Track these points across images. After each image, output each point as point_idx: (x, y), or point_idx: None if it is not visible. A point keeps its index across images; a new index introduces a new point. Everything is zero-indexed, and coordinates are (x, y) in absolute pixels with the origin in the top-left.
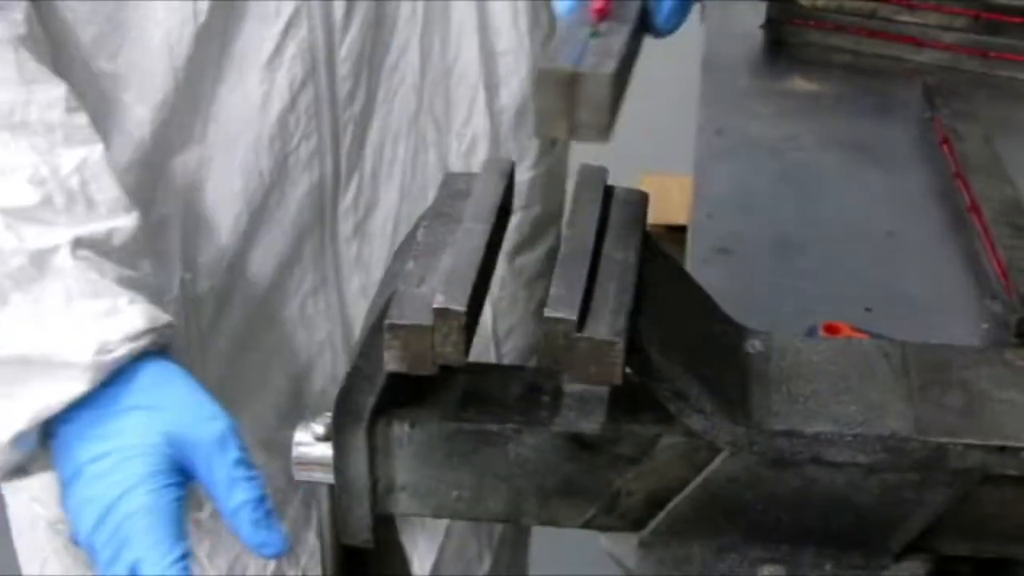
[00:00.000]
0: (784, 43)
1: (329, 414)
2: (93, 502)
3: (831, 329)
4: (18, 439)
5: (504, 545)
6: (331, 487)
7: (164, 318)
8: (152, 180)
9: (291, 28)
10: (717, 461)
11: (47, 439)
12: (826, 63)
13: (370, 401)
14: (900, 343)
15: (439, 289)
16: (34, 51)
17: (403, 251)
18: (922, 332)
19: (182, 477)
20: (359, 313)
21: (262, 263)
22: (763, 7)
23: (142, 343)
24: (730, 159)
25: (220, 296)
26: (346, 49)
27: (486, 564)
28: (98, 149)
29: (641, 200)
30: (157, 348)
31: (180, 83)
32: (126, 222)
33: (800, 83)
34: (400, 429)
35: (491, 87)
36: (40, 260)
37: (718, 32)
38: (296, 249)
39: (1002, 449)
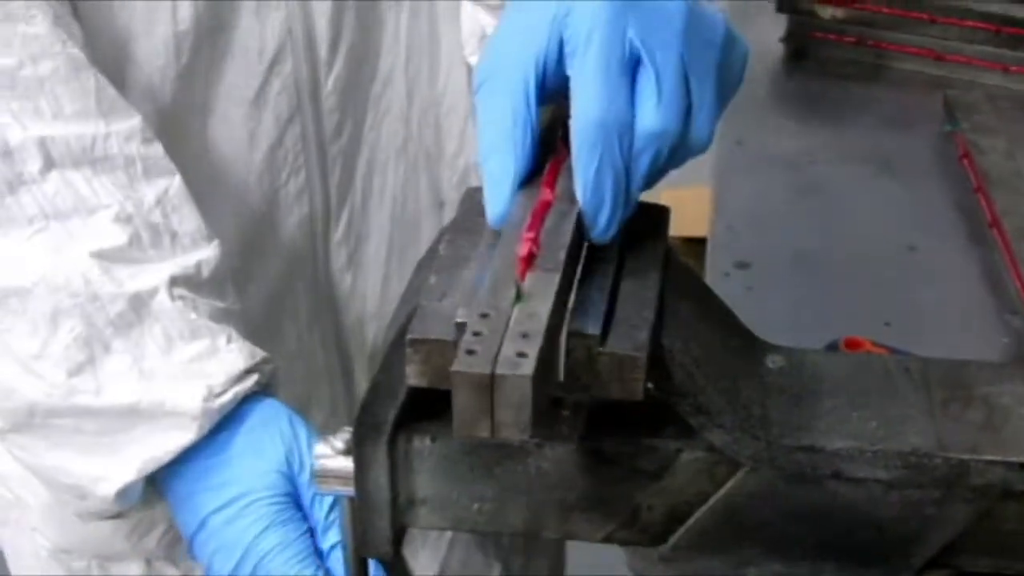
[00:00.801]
0: (804, 56)
1: (349, 428)
2: (228, 548)
3: (852, 344)
4: (125, 491)
5: (514, 554)
6: (351, 500)
7: (261, 354)
8: None
9: (276, 65)
10: (738, 476)
11: (149, 486)
12: (846, 76)
13: (391, 415)
14: (921, 358)
15: (461, 303)
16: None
17: (424, 265)
18: (942, 347)
19: (301, 511)
20: (356, 344)
21: (256, 297)
22: (784, 20)
23: (247, 385)
24: (750, 172)
25: None
26: (332, 83)
27: (495, 573)
28: (176, 180)
29: (663, 214)
30: (260, 387)
31: (166, 123)
32: (210, 252)
33: (820, 96)
34: (421, 443)
35: None
36: (139, 303)
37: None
38: (289, 282)
39: (1023, 466)
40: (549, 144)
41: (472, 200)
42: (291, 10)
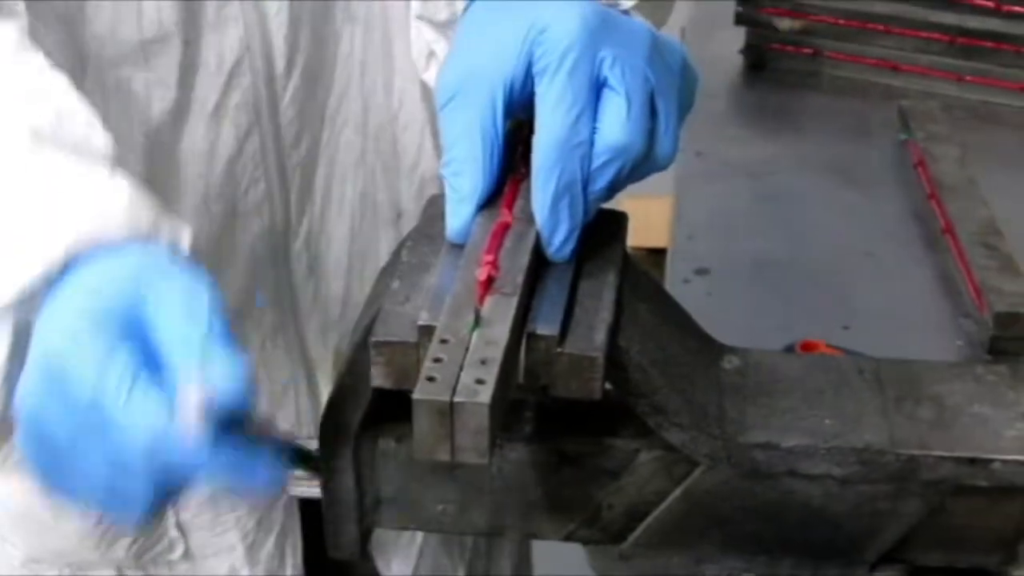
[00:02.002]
0: (763, 67)
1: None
2: None
3: (808, 347)
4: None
5: (477, 557)
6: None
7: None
8: None
9: (233, 79)
10: (695, 474)
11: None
12: (804, 87)
13: (357, 417)
14: (874, 359)
15: (424, 307)
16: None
17: (387, 271)
18: (898, 350)
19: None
20: (320, 354)
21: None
22: (742, 32)
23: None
24: (710, 181)
25: None
26: (289, 96)
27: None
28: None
29: (621, 220)
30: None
31: (145, 139)
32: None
33: (778, 107)
34: (386, 444)
35: (437, 132)
36: None
37: (698, 57)
38: (251, 292)
39: (973, 461)
40: (509, 161)
41: (434, 207)
42: (248, 26)
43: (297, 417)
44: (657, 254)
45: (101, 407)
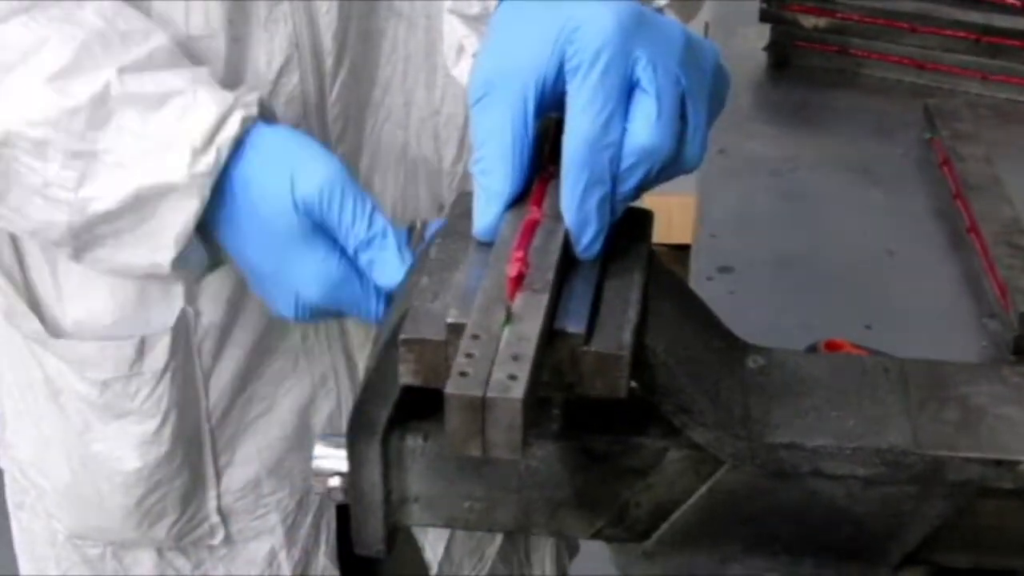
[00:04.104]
0: (787, 65)
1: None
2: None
3: (832, 346)
4: (181, 263)
5: None
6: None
7: (230, 96)
8: None
9: (282, 78)
10: (720, 473)
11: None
12: (828, 84)
13: (384, 414)
14: (899, 360)
15: (452, 304)
16: None
17: (416, 268)
18: (921, 350)
19: (324, 229)
20: (360, 342)
21: None
22: (767, 29)
23: (229, 132)
24: (733, 179)
25: (222, 328)
26: (336, 93)
27: (497, 540)
28: None
29: (646, 218)
30: (252, 122)
31: None
32: (161, 40)
33: (802, 104)
34: (414, 442)
35: None
36: (100, 103)
37: (722, 54)
38: None
39: (999, 463)
40: (538, 159)
41: (463, 204)
42: (298, 25)
43: (338, 407)
44: (680, 251)
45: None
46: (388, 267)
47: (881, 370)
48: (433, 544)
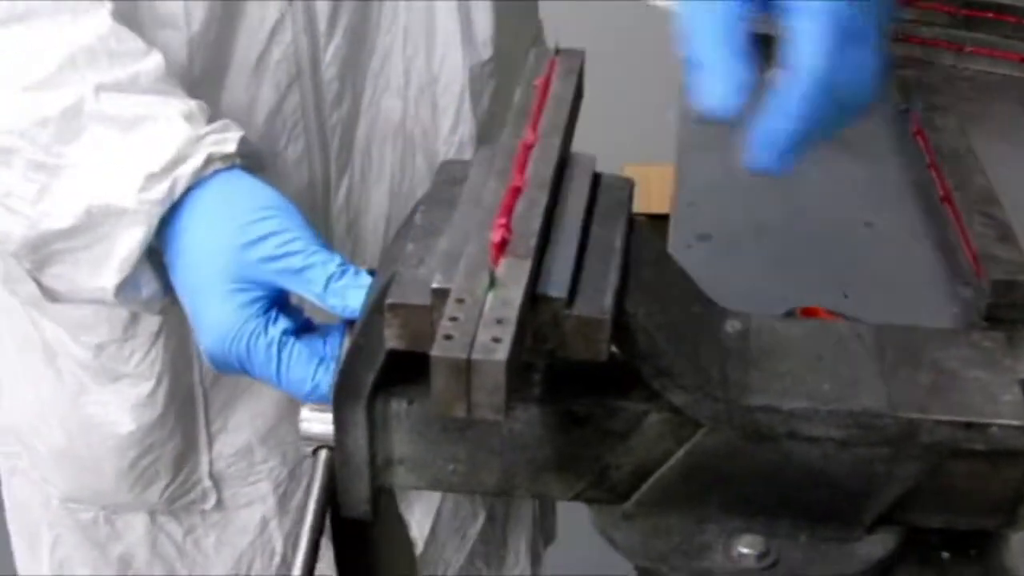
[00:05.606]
0: (765, 36)
1: None
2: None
3: (808, 313)
4: (125, 289)
5: (498, 499)
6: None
7: (203, 130)
8: None
9: (276, 35)
10: (698, 436)
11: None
12: None
13: (370, 378)
14: (873, 325)
15: (437, 269)
16: None
17: (401, 235)
18: (897, 317)
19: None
20: None
21: None
22: None
23: (191, 166)
24: (712, 149)
25: None
26: (331, 54)
27: (479, 520)
28: (107, 7)
29: (627, 186)
30: (224, 163)
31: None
32: (151, 63)
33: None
34: (399, 405)
35: (476, 94)
36: (71, 117)
37: None
38: None
39: (970, 425)
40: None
41: (447, 171)
42: None
43: None
44: (659, 220)
45: None
46: (354, 292)
47: (855, 335)
48: (420, 523)
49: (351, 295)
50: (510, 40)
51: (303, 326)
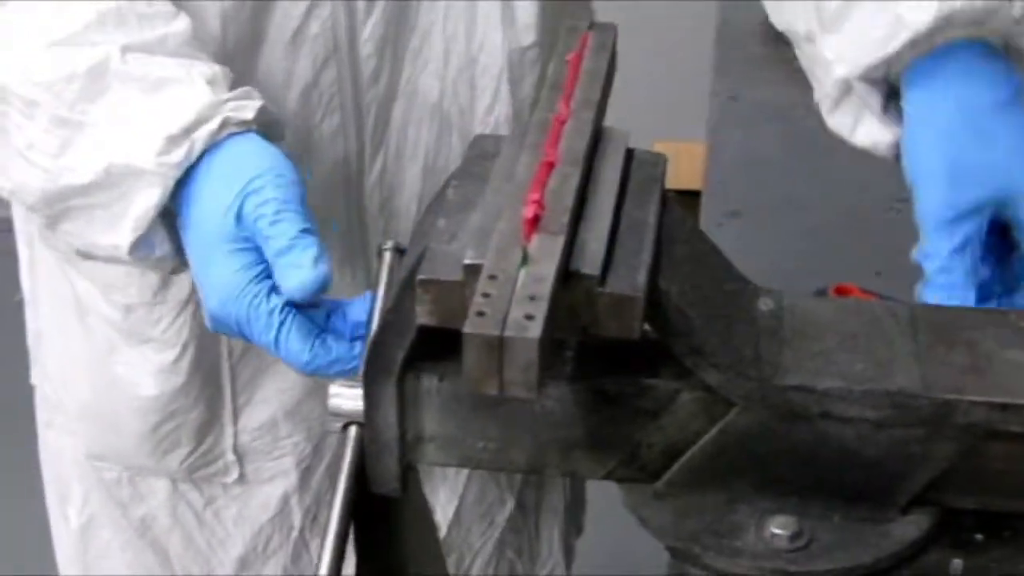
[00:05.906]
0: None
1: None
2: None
3: (841, 291)
4: (139, 248)
5: (527, 487)
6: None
7: (225, 96)
8: None
9: (314, 8)
10: (731, 415)
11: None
12: None
13: (400, 354)
14: (908, 304)
15: (469, 245)
16: None
17: (433, 209)
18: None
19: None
20: None
21: None
22: None
23: (207, 129)
24: (743, 125)
25: None
26: (368, 31)
27: (508, 507)
28: None
29: (660, 162)
30: (240, 127)
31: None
32: (180, 26)
33: None
34: (429, 382)
35: (515, 79)
36: (97, 76)
37: (732, 1)
38: (324, 223)
39: (1005, 407)
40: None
41: (479, 146)
42: None
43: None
44: (690, 196)
45: None
46: (298, 271)
47: (890, 314)
48: (444, 506)
49: (289, 274)
50: (552, 27)
51: None
